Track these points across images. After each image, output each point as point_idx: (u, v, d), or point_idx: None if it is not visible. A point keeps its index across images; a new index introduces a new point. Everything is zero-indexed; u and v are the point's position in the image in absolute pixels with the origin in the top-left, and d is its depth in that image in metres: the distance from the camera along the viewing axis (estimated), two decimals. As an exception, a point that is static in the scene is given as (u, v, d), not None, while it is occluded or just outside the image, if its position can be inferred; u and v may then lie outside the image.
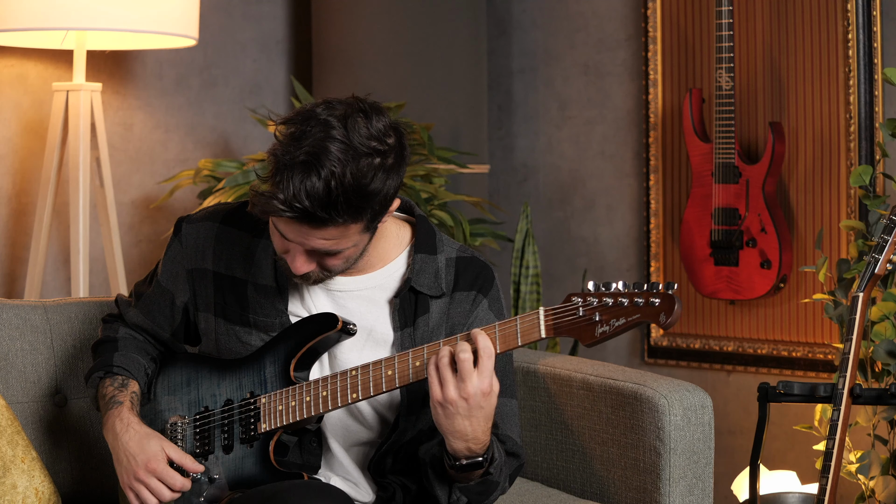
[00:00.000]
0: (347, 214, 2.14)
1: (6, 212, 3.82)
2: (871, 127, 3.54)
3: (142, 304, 2.50)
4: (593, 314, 2.08)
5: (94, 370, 2.47)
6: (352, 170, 2.12)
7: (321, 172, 2.11)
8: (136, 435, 2.33)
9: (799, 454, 3.73)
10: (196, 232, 2.44)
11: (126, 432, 2.34)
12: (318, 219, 2.13)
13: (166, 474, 2.29)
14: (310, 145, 2.12)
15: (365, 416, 2.37)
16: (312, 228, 2.16)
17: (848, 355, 2.85)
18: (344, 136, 2.13)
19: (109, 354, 2.47)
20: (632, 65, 4.13)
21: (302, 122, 2.16)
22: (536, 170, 4.39)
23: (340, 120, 2.15)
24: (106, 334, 2.52)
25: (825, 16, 3.61)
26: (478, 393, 2.13)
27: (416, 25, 4.02)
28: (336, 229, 2.16)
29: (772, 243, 3.66)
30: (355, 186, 2.12)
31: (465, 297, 2.38)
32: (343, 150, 2.12)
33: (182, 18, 3.54)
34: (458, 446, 2.18)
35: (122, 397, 2.39)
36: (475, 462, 2.21)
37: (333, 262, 2.24)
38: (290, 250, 2.23)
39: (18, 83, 3.83)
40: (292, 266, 2.23)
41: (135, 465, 2.30)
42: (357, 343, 2.36)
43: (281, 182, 2.12)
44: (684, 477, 2.56)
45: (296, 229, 2.17)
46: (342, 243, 2.20)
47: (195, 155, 4.15)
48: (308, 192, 2.10)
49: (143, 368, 2.46)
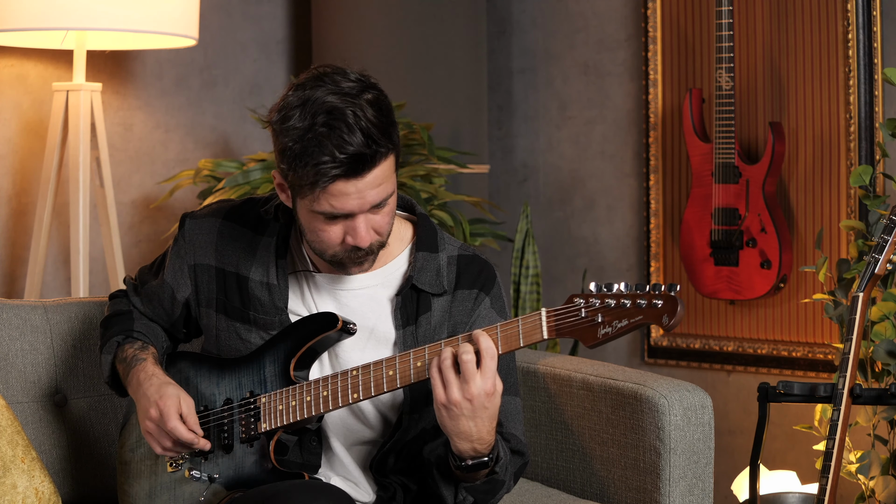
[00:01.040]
0: (385, 141, 2.19)
1: (6, 212, 3.82)
2: (871, 127, 3.54)
3: (144, 293, 2.51)
4: (595, 315, 2.08)
5: (113, 335, 2.46)
6: (362, 105, 2.19)
7: (345, 121, 2.17)
8: (157, 381, 2.34)
9: (799, 454, 3.73)
10: (199, 228, 2.45)
11: (148, 380, 2.34)
12: (367, 157, 2.17)
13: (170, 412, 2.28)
14: (319, 116, 2.17)
15: (367, 415, 2.37)
16: (364, 174, 2.18)
17: (848, 355, 2.85)
18: (335, 90, 2.20)
19: (128, 322, 2.48)
20: (632, 65, 4.13)
21: (295, 107, 2.21)
22: (536, 170, 4.39)
23: (319, 85, 2.22)
24: (118, 308, 2.53)
25: (825, 16, 3.61)
26: (481, 394, 2.13)
27: (416, 25, 4.02)
28: (380, 167, 2.20)
29: (772, 243, 3.66)
30: (377, 114, 2.19)
31: (467, 296, 2.38)
32: (344, 99, 2.19)
33: (182, 18, 3.54)
34: (464, 447, 2.18)
35: (144, 355, 2.40)
36: (481, 462, 2.21)
37: (384, 219, 2.26)
38: (349, 229, 2.23)
39: (18, 83, 3.83)
40: (358, 239, 2.23)
41: (148, 405, 2.31)
42: (359, 342, 2.36)
43: (316, 153, 2.17)
44: (684, 477, 2.56)
45: (346, 189, 2.18)
46: (388, 187, 2.23)
47: (195, 155, 4.15)
48: (346, 140, 2.16)
49: (162, 339, 2.48)
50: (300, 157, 2.17)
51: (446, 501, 2.29)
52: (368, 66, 3.95)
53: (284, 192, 2.29)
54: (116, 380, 2.46)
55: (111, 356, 2.45)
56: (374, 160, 2.18)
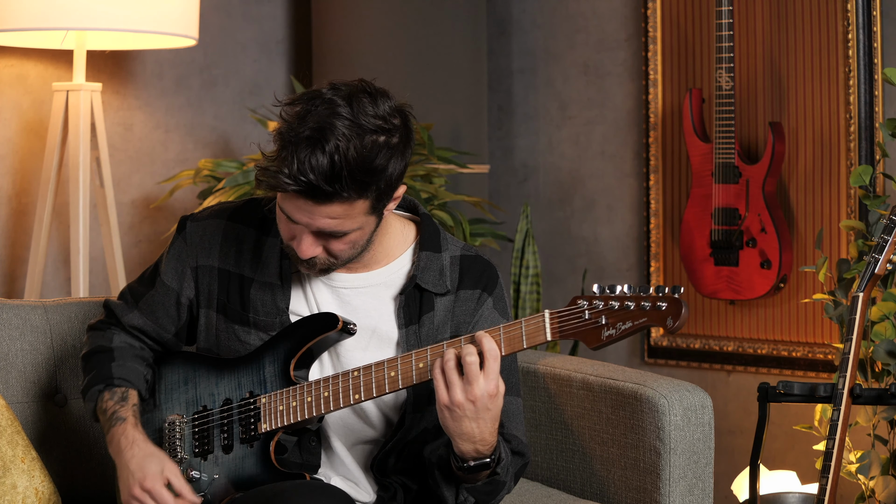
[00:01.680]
0: (352, 189, 2.15)
1: (6, 212, 3.82)
2: (871, 127, 3.54)
3: (144, 304, 2.47)
4: (599, 317, 2.08)
5: (93, 383, 2.43)
6: (356, 145, 2.14)
7: (326, 147, 2.13)
8: (139, 452, 2.31)
9: (799, 454, 3.73)
10: (202, 229, 2.44)
11: (130, 449, 2.32)
12: (323, 193, 2.14)
13: (159, 495, 2.27)
14: (315, 122, 2.15)
15: (368, 415, 2.37)
16: (317, 204, 2.16)
17: (848, 355, 2.85)
18: (349, 113, 2.16)
19: (107, 366, 2.43)
20: (632, 65, 4.13)
21: (307, 102, 2.19)
22: (536, 170, 4.39)
23: (345, 99, 2.17)
24: (98, 343, 2.48)
25: (825, 16, 3.61)
26: (485, 395, 2.13)
27: (416, 25, 4.02)
28: (341, 206, 2.17)
29: (772, 243, 3.66)
30: (360, 161, 2.14)
31: (469, 296, 2.38)
32: (348, 127, 2.15)
33: (182, 18, 3.54)
34: (466, 448, 2.18)
35: (124, 413, 2.37)
36: (483, 463, 2.21)
37: (340, 246, 2.24)
38: (297, 235, 2.23)
39: (18, 83, 3.83)
40: (298, 250, 2.23)
41: (132, 482, 2.29)
42: (361, 341, 2.35)
43: (287, 157, 2.14)
44: (684, 477, 2.56)
45: (301, 206, 2.18)
46: (347, 224, 2.20)
47: (195, 155, 4.15)
48: (313, 165, 2.12)
49: (143, 377, 2.44)
50: (279, 150, 2.17)
51: (447, 502, 2.29)
52: (368, 67, 3.99)
53: None
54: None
55: (93, 404, 2.43)
56: (330, 198, 2.15)
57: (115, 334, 2.48)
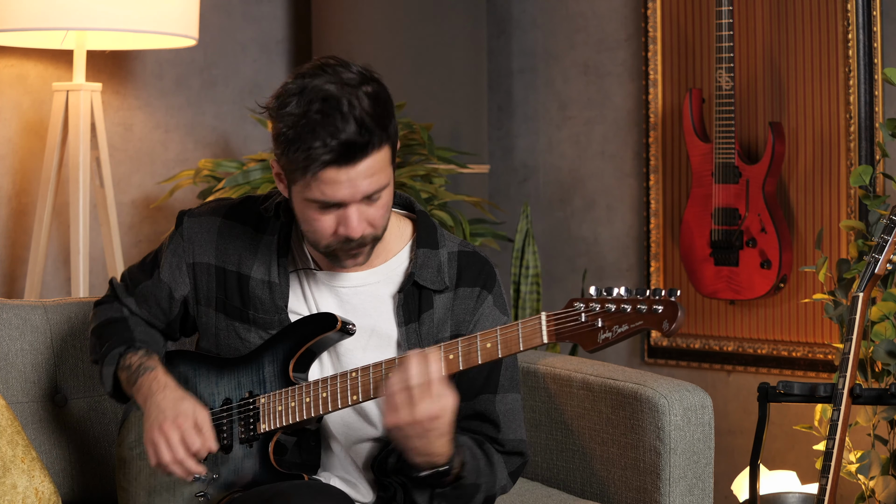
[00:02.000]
0: (379, 131, 2.19)
1: (6, 212, 3.82)
2: (871, 127, 3.54)
3: (138, 293, 2.49)
4: (595, 320, 2.08)
5: (113, 346, 2.43)
6: (359, 96, 2.19)
7: (341, 109, 2.17)
8: (172, 394, 2.31)
9: (799, 454, 3.73)
10: (198, 226, 2.44)
11: (161, 392, 2.32)
12: (359, 146, 2.17)
13: (189, 433, 2.27)
14: (314, 103, 2.18)
15: (369, 414, 2.36)
16: (354, 165, 2.18)
17: (848, 355, 2.85)
18: (334, 80, 2.20)
19: (127, 331, 2.45)
20: (632, 65, 4.13)
21: (293, 96, 2.21)
22: (536, 170, 4.39)
23: (319, 73, 2.22)
24: (110, 315, 2.49)
25: (825, 16, 3.61)
26: (427, 418, 2.13)
27: (416, 25, 4.02)
28: (374, 157, 2.19)
29: (772, 243, 3.66)
30: (372, 105, 2.19)
31: (469, 294, 2.38)
32: (342, 88, 2.19)
33: (182, 18, 3.54)
34: (418, 460, 2.20)
35: (152, 363, 2.37)
36: (438, 472, 2.21)
37: (378, 212, 2.25)
38: (341, 219, 2.23)
39: (18, 83, 3.83)
40: (349, 230, 2.23)
41: (162, 418, 2.28)
42: (360, 340, 2.35)
43: (308, 138, 2.17)
44: (684, 477, 2.56)
45: (338, 178, 2.18)
46: (382, 178, 2.22)
47: (195, 155, 4.15)
48: (339, 127, 2.16)
49: (162, 345, 2.47)
50: (293, 143, 2.18)
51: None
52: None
53: (282, 181, 2.29)
54: (118, 390, 2.44)
55: (113, 367, 2.42)
56: (366, 149, 2.18)
57: (124, 307, 2.50)
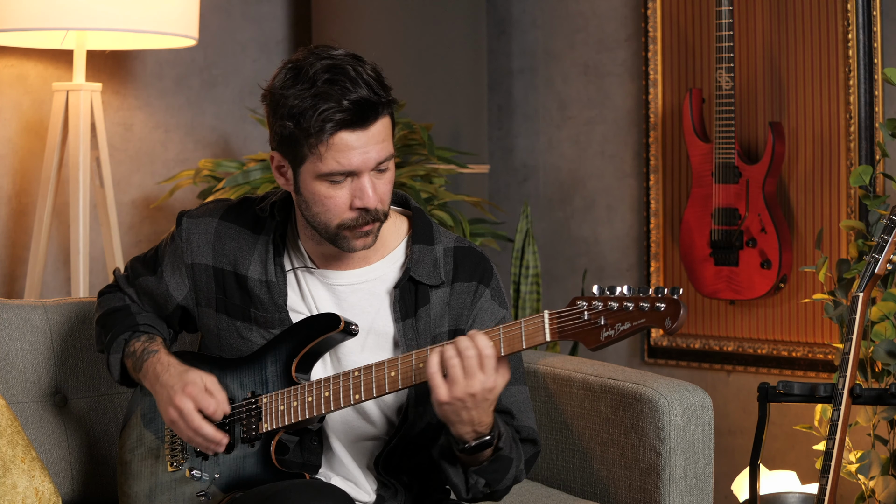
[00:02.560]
0: (386, 92, 2.23)
1: (6, 212, 3.82)
2: (871, 127, 3.54)
3: (138, 285, 2.50)
4: (598, 318, 2.08)
5: (118, 334, 2.45)
6: (361, 63, 2.24)
7: (347, 75, 2.20)
8: (175, 371, 2.34)
9: (799, 454, 3.73)
10: (196, 227, 2.45)
11: (166, 372, 2.34)
12: (372, 105, 2.20)
13: (201, 397, 2.29)
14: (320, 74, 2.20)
15: (370, 413, 2.37)
16: (366, 128, 2.21)
17: (848, 355, 2.85)
18: (329, 57, 2.23)
19: (130, 317, 2.47)
20: (632, 65, 4.13)
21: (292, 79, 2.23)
22: (536, 170, 4.39)
23: (313, 56, 2.24)
24: (113, 304, 2.51)
25: (825, 16, 3.61)
26: (484, 390, 2.15)
27: (416, 25, 4.02)
28: (384, 120, 2.23)
29: (772, 243, 3.66)
30: (373, 70, 2.24)
31: (466, 288, 2.38)
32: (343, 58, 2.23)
33: (182, 18, 3.54)
34: (465, 430, 2.20)
35: (155, 347, 2.40)
36: (484, 441, 2.21)
37: (385, 187, 2.27)
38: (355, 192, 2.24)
39: (18, 83, 3.83)
40: (367, 198, 2.24)
41: (172, 393, 2.31)
42: (358, 339, 2.35)
43: (322, 102, 2.19)
44: (684, 477, 2.56)
45: (351, 143, 2.20)
46: (389, 146, 2.25)
47: (195, 155, 4.15)
48: (350, 88, 2.20)
49: (166, 329, 2.49)
50: (305, 112, 2.20)
51: (459, 490, 2.29)
52: (368, 66, 3.98)
53: (284, 174, 2.30)
54: (126, 376, 2.46)
55: (119, 355, 2.45)
56: (377, 109, 2.21)
57: (125, 296, 2.52)
